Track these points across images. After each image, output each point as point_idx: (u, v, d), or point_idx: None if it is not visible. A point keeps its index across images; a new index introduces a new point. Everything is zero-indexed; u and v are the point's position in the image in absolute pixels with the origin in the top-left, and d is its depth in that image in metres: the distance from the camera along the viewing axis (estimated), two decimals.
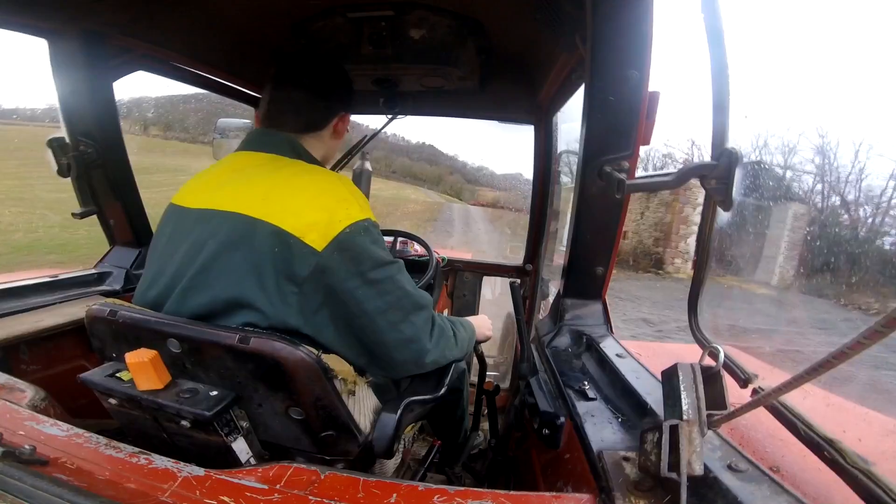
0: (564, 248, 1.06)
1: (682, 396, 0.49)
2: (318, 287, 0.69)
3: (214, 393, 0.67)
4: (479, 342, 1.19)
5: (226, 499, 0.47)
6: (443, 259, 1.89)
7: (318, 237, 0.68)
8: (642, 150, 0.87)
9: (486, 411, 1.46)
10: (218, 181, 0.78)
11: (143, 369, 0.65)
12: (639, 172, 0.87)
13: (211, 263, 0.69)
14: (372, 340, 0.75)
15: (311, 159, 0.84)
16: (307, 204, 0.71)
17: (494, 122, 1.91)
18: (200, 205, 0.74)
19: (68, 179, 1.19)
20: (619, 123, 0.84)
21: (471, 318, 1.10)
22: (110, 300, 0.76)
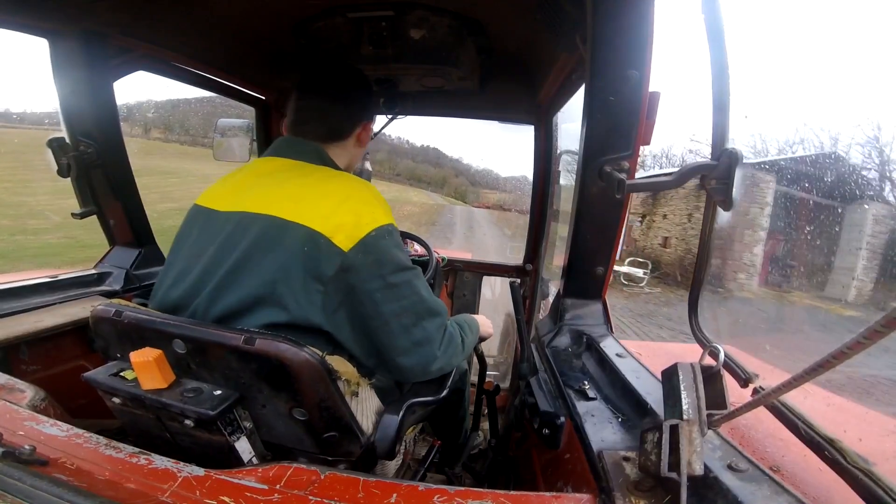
0: (564, 249, 1.06)
1: (683, 396, 0.49)
2: (341, 286, 0.72)
3: (218, 392, 0.67)
4: (481, 339, 1.18)
5: (226, 499, 0.47)
6: (443, 259, 1.89)
7: (345, 238, 0.71)
8: (661, 145, 0.87)
9: (486, 411, 1.46)
10: (246, 185, 0.81)
11: (147, 368, 0.65)
12: (655, 170, 0.87)
13: (242, 263, 0.71)
14: (383, 343, 0.76)
15: (335, 167, 0.87)
16: (336, 207, 0.73)
17: (498, 125, 1.91)
18: (230, 207, 0.77)
19: (52, 182, 1.19)
20: (619, 123, 0.84)
21: (473, 316, 1.10)
22: (115, 301, 0.77)
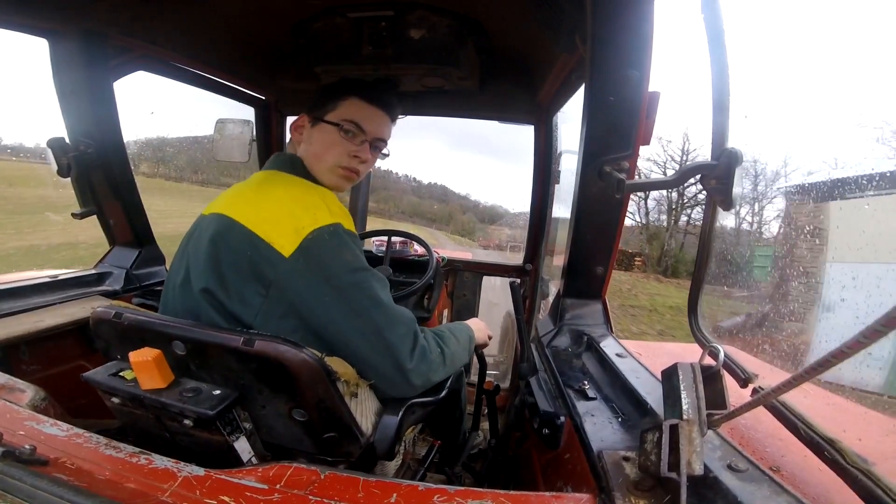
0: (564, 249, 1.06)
1: (682, 396, 0.49)
2: (286, 293, 0.71)
3: (217, 392, 0.67)
4: (478, 347, 1.16)
5: (226, 498, 0.47)
6: (443, 259, 1.89)
7: (285, 243, 0.70)
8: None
9: (486, 411, 1.46)
10: (228, 191, 0.85)
11: (146, 368, 0.66)
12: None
13: (203, 258, 0.74)
14: (347, 356, 0.72)
15: (303, 169, 0.88)
16: (278, 212, 0.74)
17: (507, 162, 1.90)
18: (209, 211, 0.81)
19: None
20: (618, 123, 0.84)
21: (466, 322, 1.05)
22: (115, 302, 0.77)
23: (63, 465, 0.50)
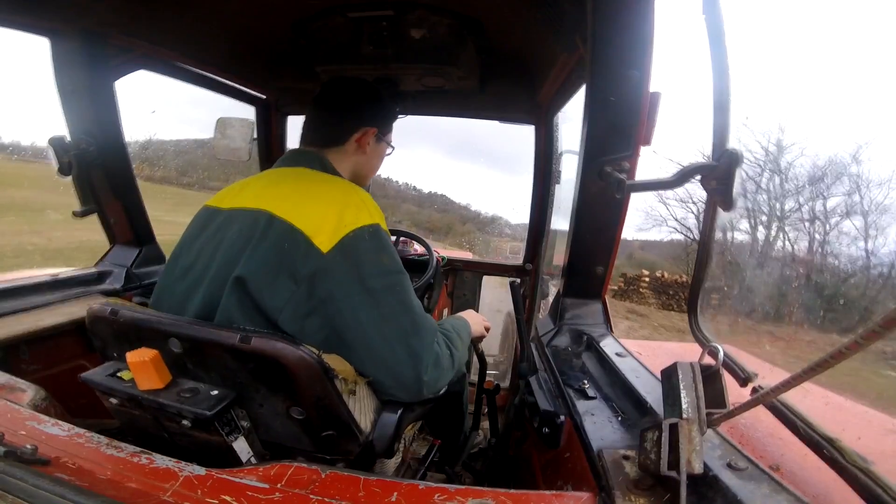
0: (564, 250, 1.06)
1: (682, 395, 0.49)
2: (316, 290, 0.70)
3: (215, 392, 0.67)
4: (476, 341, 1.15)
5: (227, 498, 0.47)
6: (443, 259, 1.90)
7: (325, 239, 0.70)
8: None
9: (486, 410, 1.46)
10: (248, 186, 0.85)
11: (143, 369, 0.65)
12: None
13: (232, 253, 0.73)
14: (362, 358, 0.72)
15: (335, 172, 0.89)
16: (320, 208, 0.74)
17: (509, 174, 1.90)
18: (230, 205, 0.80)
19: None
20: (619, 123, 0.84)
21: (463, 316, 1.05)
22: (112, 300, 0.77)
23: (64, 464, 0.50)
